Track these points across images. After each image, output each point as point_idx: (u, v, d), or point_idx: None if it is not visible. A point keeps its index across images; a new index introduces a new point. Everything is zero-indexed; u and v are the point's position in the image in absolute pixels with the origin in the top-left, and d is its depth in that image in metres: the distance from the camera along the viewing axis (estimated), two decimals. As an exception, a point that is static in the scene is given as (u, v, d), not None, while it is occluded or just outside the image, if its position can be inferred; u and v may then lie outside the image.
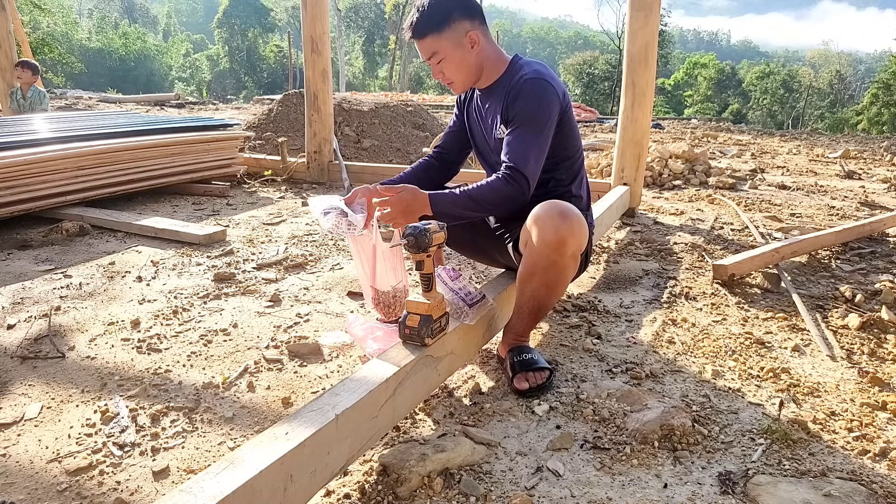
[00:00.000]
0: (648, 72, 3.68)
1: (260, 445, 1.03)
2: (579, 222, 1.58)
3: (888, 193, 4.97)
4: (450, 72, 1.77)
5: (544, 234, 1.56)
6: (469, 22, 1.73)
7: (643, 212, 4.00)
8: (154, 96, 17.82)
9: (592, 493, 1.27)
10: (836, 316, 2.22)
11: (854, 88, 42.86)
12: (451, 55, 1.74)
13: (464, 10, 1.72)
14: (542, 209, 1.59)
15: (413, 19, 1.72)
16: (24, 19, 14.02)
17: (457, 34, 1.72)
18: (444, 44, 1.72)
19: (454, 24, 1.71)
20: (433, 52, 1.73)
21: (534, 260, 1.60)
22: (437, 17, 1.70)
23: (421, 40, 1.73)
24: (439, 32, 1.71)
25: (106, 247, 3.07)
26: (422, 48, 1.75)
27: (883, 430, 1.51)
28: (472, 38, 1.74)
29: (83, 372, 1.78)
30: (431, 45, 1.72)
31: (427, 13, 1.70)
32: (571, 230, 1.56)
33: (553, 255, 1.58)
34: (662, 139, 8.72)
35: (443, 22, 1.70)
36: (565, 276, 1.65)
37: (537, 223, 1.58)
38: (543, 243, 1.56)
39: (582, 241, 1.61)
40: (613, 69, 32.76)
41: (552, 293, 1.68)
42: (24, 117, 5.04)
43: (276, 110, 7.19)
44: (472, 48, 1.74)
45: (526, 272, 1.65)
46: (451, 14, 1.70)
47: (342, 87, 31.33)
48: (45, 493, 1.27)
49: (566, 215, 1.57)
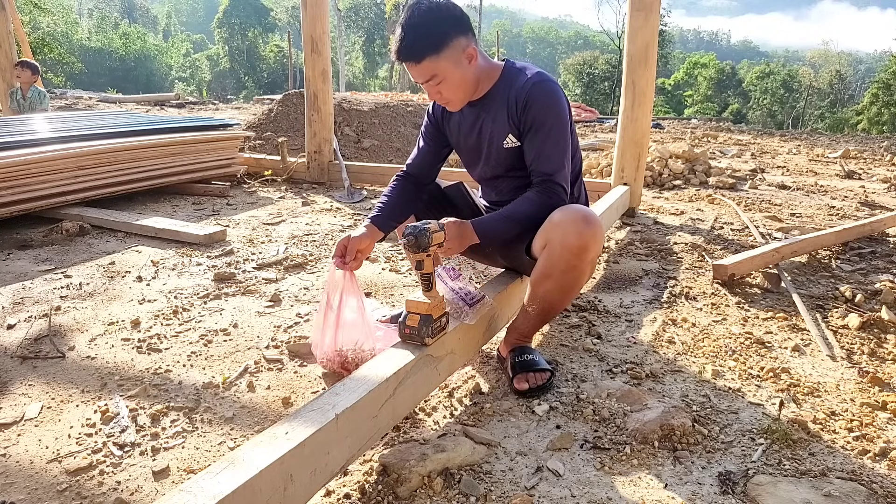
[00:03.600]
0: (648, 72, 3.68)
1: (260, 445, 1.03)
2: (601, 228, 1.59)
3: (888, 193, 4.97)
4: (449, 92, 1.66)
5: (567, 238, 1.54)
6: (465, 38, 1.62)
7: (643, 212, 4.00)
8: (154, 96, 17.81)
9: (592, 493, 1.27)
10: (836, 316, 2.22)
11: (854, 88, 42.88)
12: (451, 75, 1.62)
13: (459, 27, 1.61)
14: (565, 214, 1.58)
15: (406, 42, 1.57)
16: (24, 19, 14.02)
17: (455, 53, 1.60)
18: (444, 64, 1.59)
19: (452, 42, 1.59)
20: (432, 74, 1.60)
21: (553, 262, 1.59)
22: (434, 38, 1.57)
23: (418, 64, 1.59)
24: (438, 54, 1.57)
25: (106, 247, 3.07)
26: (418, 71, 1.61)
27: (883, 430, 1.51)
28: (469, 55, 1.63)
29: (83, 372, 1.78)
30: (430, 67, 1.59)
31: (422, 34, 1.56)
32: (594, 236, 1.55)
33: (574, 260, 1.57)
34: (662, 139, 8.72)
35: (441, 42, 1.57)
36: (581, 280, 1.65)
37: (561, 227, 1.56)
38: (565, 247, 1.55)
39: (601, 248, 1.61)
40: (613, 69, 32.76)
41: (565, 297, 1.68)
42: (24, 117, 5.04)
43: (276, 110, 7.19)
44: (470, 64, 1.64)
45: (542, 274, 1.63)
46: (448, 33, 1.58)
47: (342, 87, 31.32)
48: (45, 493, 1.27)
49: (590, 220, 1.56)
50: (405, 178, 1.91)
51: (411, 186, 1.91)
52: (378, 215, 1.77)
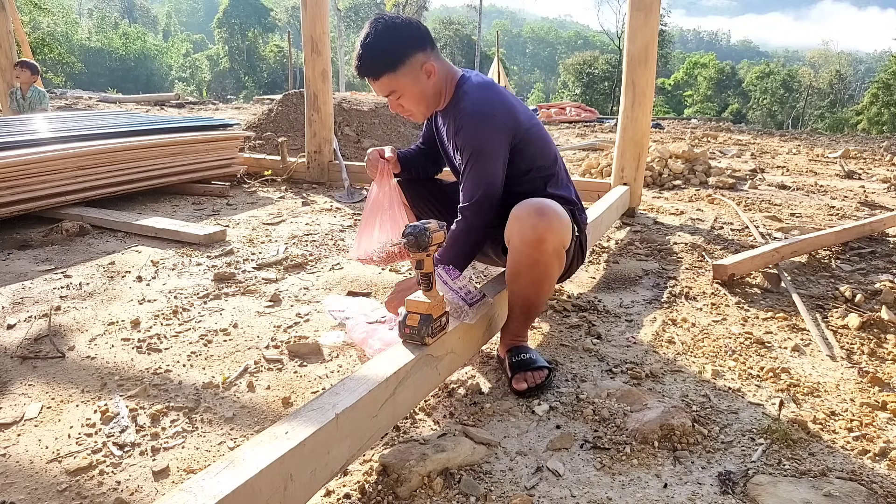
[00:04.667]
0: (648, 72, 3.68)
1: (260, 445, 1.03)
2: (558, 218, 1.57)
3: (888, 193, 4.97)
4: (409, 104, 1.73)
5: (523, 232, 1.56)
6: (422, 53, 1.67)
7: (643, 212, 4.00)
8: (154, 96, 17.80)
9: (592, 493, 1.27)
10: (836, 316, 2.22)
11: (854, 88, 42.89)
12: (410, 91, 1.69)
13: (416, 44, 1.66)
14: (520, 208, 1.59)
15: (364, 61, 1.64)
16: (24, 19, 14.02)
17: (413, 69, 1.66)
18: (402, 81, 1.66)
19: (409, 59, 1.65)
20: (391, 90, 1.68)
21: (517, 259, 1.61)
22: (391, 57, 1.63)
23: (376, 80, 1.67)
24: (394, 71, 1.64)
25: (106, 247, 3.07)
26: (377, 87, 1.69)
27: (883, 430, 1.51)
28: (427, 70, 1.68)
29: (83, 372, 1.78)
30: (388, 84, 1.67)
31: (379, 53, 1.63)
32: (549, 227, 1.55)
33: (534, 254, 1.57)
34: (662, 139, 8.72)
35: (398, 60, 1.63)
36: (550, 273, 1.64)
37: (517, 222, 1.58)
38: (522, 241, 1.57)
39: (562, 238, 1.60)
40: (613, 69, 32.77)
41: (540, 291, 1.68)
42: (24, 117, 5.04)
43: (276, 110, 7.19)
44: (429, 79, 1.70)
45: (512, 272, 1.65)
46: (405, 51, 1.64)
47: (342, 87, 31.29)
48: (45, 493, 1.27)
49: (543, 212, 1.56)
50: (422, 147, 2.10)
51: (428, 155, 2.09)
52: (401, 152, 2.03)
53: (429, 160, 2.10)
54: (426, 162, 2.10)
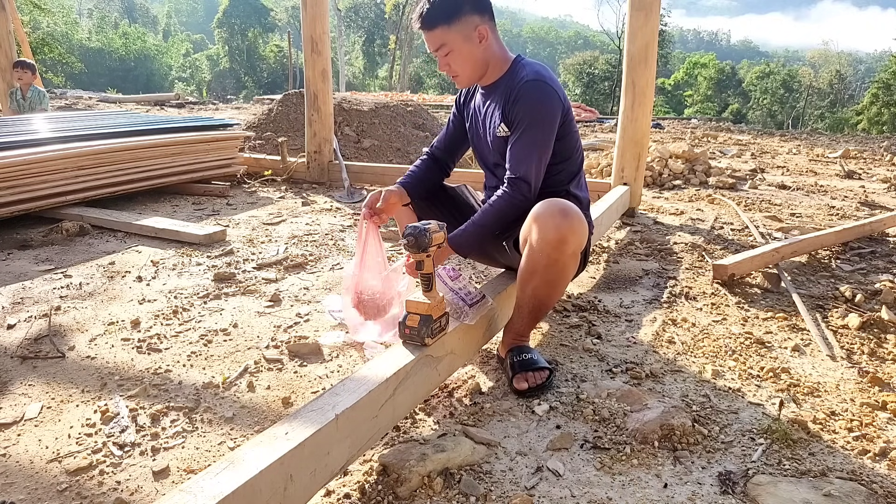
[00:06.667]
0: (648, 72, 3.68)
1: (260, 445, 1.03)
2: (579, 220, 1.59)
3: (888, 193, 4.97)
4: (457, 65, 1.78)
5: (545, 232, 1.56)
6: (479, 16, 1.74)
7: (643, 212, 4.00)
8: (154, 96, 17.81)
9: (592, 493, 1.27)
10: (836, 316, 2.22)
11: (854, 88, 42.88)
12: (460, 48, 1.74)
13: (475, 4, 1.73)
14: (542, 208, 1.60)
15: (423, 10, 1.72)
16: (24, 19, 14.02)
17: (466, 27, 1.72)
18: (454, 36, 1.72)
19: (464, 17, 1.71)
20: (442, 43, 1.74)
21: (535, 258, 1.61)
22: (448, 10, 1.70)
23: (430, 31, 1.73)
24: (449, 25, 1.71)
25: (106, 247, 3.07)
26: (430, 39, 1.75)
27: (883, 430, 1.51)
28: (480, 33, 1.75)
29: (83, 372, 1.78)
30: (441, 36, 1.73)
31: (438, 4, 1.70)
32: (572, 228, 1.56)
33: (554, 254, 1.58)
34: (662, 139, 8.72)
35: (453, 14, 1.70)
36: (566, 274, 1.66)
37: (538, 221, 1.58)
38: (544, 241, 1.57)
39: (582, 240, 1.62)
40: (613, 69, 32.75)
41: (553, 292, 1.68)
42: (24, 117, 5.04)
43: (276, 110, 7.19)
44: (480, 43, 1.75)
45: (527, 271, 1.64)
46: (462, 7, 1.71)
47: (342, 87, 31.32)
48: (45, 493, 1.27)
49: (567, 213, 1.57)
50: (430, 158, 2.06)
51: (434, 166, 2.06)
52: (407, 181, 1.96)
53: (436, 169, 2.07)
54: (434, 175, 2.07)
